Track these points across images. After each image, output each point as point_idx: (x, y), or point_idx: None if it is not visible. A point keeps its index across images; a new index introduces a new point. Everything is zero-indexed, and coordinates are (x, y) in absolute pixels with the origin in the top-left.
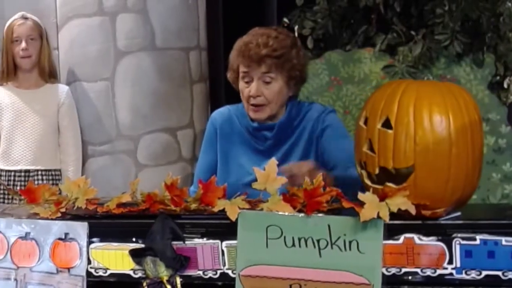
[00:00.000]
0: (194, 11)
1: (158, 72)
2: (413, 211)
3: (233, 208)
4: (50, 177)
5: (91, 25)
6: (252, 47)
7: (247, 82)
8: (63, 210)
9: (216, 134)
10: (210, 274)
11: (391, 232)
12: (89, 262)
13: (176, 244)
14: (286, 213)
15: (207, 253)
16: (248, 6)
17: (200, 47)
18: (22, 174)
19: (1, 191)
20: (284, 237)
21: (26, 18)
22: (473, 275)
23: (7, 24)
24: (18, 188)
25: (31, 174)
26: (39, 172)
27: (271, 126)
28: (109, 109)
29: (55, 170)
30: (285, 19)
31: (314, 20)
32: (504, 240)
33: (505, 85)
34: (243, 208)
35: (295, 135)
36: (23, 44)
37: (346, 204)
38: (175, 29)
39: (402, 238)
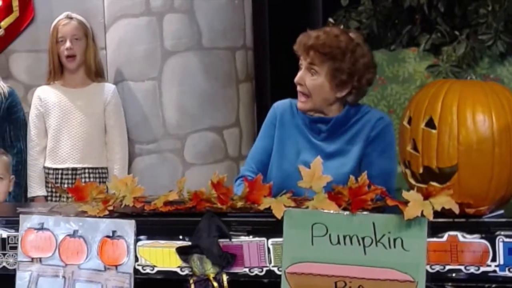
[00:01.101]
0: (240, 11)
1: (204, 72)
2: (456, 210)
3: (279, 206)
4: (97, 175)
5: (139, 25)
6: (304, 35)
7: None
8: (110, 208)
9: (276, 121)
10: (256, 271)
11: (435, 230)
12: (136, 259)
13: (223, 241)
14: (332, 211)
15: (253, 251)
16: (294, 6)
17: (246, 47)
18: (69, 172)
19: (49, 189)
20: (329, 235)
21: (70, 18)
22: None
23: (52, 25)
24: (65, 186)
25: (78, 172)
26: (86, 170)
27: (327, 120)
28: (156, 109)
29: (102, 168)
30: (331, 19)
31: (359, 20)
32: None
33: None
34: (289, 206)
35: (350, 134)
36: (68, 44)
37: (390, 202)
38: (222, 29)
39: (446, 236)
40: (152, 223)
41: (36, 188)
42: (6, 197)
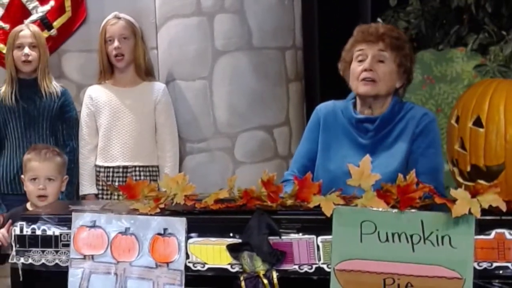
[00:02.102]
0: (290, 11)
1: (254, 71)
2: (504, 207)
3: (328, 204)
4: (148, 173)
5: (190, 25)
6: (372, 26)
7: (360, 61)
8: (162, 206)
9: (319, 124)
10: (305, 268)
11: (482, 227)
12: (187, 256)
13: (273, 239)
14: (380, 209)
15: (303, 248)
16: (343, 7)
17: (296, 47)
18: (120, 170)
19: (100, 187)
20: (378, 232)
21: (118, 18)
22: None
23: (101, 25)
24: (116, 184)
25: (129, 170)
26: (137, 169)
27: (373, 119)
28: (207, 108)
29: (152, 166)
30: (379, 19)
31: (407, 20)
32: None
33: None
34: (338, 204)
35: (396, 132)
36: (116, 43)
37: (438, 200)
38: (272, 29)
39: (493, 233)
40: (203, 221)
41: (87, 186)
42: (57, 198)
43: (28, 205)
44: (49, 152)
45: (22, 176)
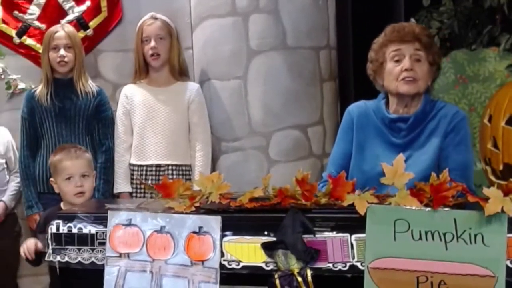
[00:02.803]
0: (324, 11)
1: (289, 71)
2: None
3: (362, 203)
4: (181, 172)
5: (225, 25)
6: (406, 25)
7: (397, 61)
8: (197, 204)
9: (353, 125)
10: (339, 266)
11: None
12: (222, 254)
13: (307, 237)
14: (413, 207)
15: (337, 246)
16: (377, 7)
17: (330, 46)
18: (154, 169)
19: (134, 186)
20: (411, 231)
21: (155, 18)
22: None
23: (138, 25)
24: (150, 182)
25: (162, 169)
26: (170, 167)
27: (406, 118)
28: (242, 107)
29: (185, 165)
30: (412, 19)
31: (440, 20)
32: None
33: None
34: (372, 203)
35: (428, 130)
36: (152, 43)
37: (471, 199)
38: (306, 29)
39: None
40: (238, 219)
41: (122, 184)
42: (92, 194)
43: (62, 205)
44: (78, 150)
45: (51, 179)
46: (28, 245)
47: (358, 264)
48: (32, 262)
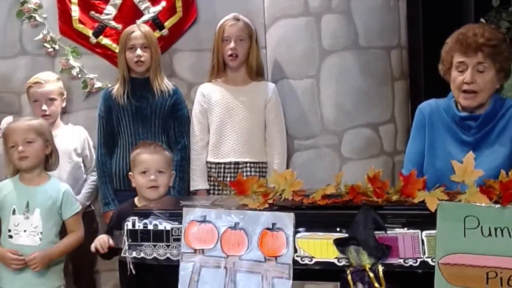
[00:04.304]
0: (395, 11)
1: (360, 70)
2: None
3: (432, 200)
4: (258, 169)
5: (297, 25)
6: (470, 36)
7: (460, 71)
8: (270, 201)
9: (425, 122)
10: (410, 262)
11: None
12: (295, 250)
13: (378, 233)
14: (483, 204)
15: (408, 242)
16: (447, 7)
17: (401, 46)
18: (232, 166)
19: (211, 183)
20: (481, 227)
21: (237, 19)
22: None
23: (219, 24)
24: (228, 179)
25: (240, 166)
26: (247, 164)
27: (476, 117)
28: (314, 106)
29: (262, 162)
30: (482, 20)
31: (509, 21)
32: None
33: None
34: (442, 200)
35: (498, 129)
36: (232, 44)
37: None
38: (377, 29)
39: None
40: (311, 216)
41: (198, 181)
42: (166, 191)
43: (136, 200)
44: (158, 147)
45: (130, 173)
46: (101, 241)
47: (429, 260)
48: (103, 256)
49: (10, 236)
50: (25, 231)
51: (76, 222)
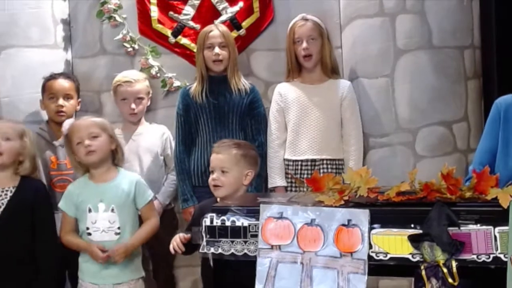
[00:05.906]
0: (468, 12)
1: (434, 69)
2: None
3: (505, 196)
4: (334, 166)
5: (373, 25)
6: None
7: None
8: (346, 198)
9: (500, 118)
10: (483, 258)
11: None
12: (370, 246)
13: (452, 230)
14: None
15: (481, 238)
16: None
17: (474, 46)
18: (309, 163)
19: (289, 180)
20: None
21: (306, 20)
22: None
23: (289, 26)
24: (305, 177)
25: (317, 163)
26: (324, 162)
27: None
28: (389, 104)
29: (338, 159)
30: None
31: None
32: None
33: None
34: None
35: None
36: (304, 44)
37: None
38: (451, 29)
39: None
40: (385, 213)
41: (276, 179)
42: (232, 190)
43: (218, 199)
44: (222, 145)
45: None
46: (177, 241)
47: (501, 256)
48: (183, 252)
49: (89, 234)
50: (103, 227)
51: (150, 210)
